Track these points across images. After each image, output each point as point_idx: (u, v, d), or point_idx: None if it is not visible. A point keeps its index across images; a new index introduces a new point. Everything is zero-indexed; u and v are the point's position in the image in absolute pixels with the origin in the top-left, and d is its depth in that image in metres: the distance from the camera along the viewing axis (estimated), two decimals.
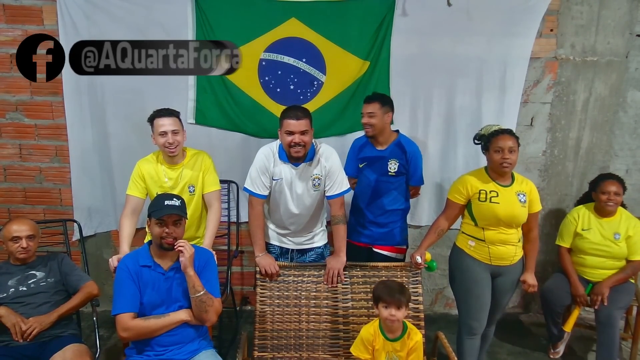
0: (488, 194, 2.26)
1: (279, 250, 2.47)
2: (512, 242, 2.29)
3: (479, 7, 2.85)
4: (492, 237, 2.29)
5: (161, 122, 2.28)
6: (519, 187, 2.29)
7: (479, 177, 2.32)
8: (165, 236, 1.91)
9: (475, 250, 2.34)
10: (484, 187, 2.28)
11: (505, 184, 2.29)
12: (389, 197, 2.58)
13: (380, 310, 1.95)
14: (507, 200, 2.24)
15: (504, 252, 2.30)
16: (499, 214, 2.23)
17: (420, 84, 2.98)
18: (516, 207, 2.24)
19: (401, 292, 1.94)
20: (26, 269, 2.23)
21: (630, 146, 3.18)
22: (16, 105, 3.01)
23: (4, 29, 2.88)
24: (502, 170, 2.24)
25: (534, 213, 2.32)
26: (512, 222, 2.26)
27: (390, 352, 1.97)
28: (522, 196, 2.26)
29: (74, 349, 2.05)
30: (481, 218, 2.29)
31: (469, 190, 2.30)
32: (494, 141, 2.23)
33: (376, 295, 1.98)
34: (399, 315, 1.91)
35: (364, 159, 2.62)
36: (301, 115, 2.16)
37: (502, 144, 2.20)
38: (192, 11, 2.84)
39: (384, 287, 1.98)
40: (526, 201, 2.26)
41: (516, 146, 2.22)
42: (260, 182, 2.29)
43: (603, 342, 2.57)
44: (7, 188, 3.14)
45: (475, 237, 2.34)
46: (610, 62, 3.03)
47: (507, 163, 2.20)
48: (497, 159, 2.22)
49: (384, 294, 1.94)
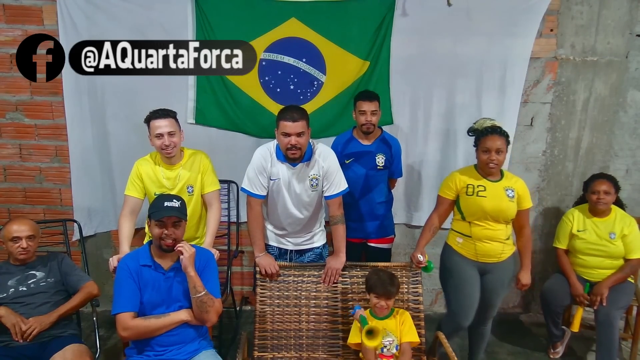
0: (476, 188, 2.30)
1: (278, 251, 2.46)
2: (499, 239, 2.31)
3: (479, 7, 2.85)
4: (478, 233, 2.31)
5: (157, 124, 2.27)
6: (508, 183, 2.32)
7: (468, 173, 2.37)
8: (165, 237, 1.91)
9: (463, 247, 2.38)
10: (472, 182, 2.32)
11: (493, 179, 2.32)
12: (378, 191, 2.70)
13: (372, 298, 2.10)
14: (494, 195, 2.28)
15: (489, 249, 2.32)
16: (485, 207, 2.26)
17: (420, 84, 2.98)
18: (503, 201, 2.27)
19: (392, 283, 2.08)
20: (26, 269, 2.23)
21: (630, 146, 3.18)
22: (16, 105, 3.01)
23: (4, 29, 2.89)
24: (489, 170, 2.28)
25: (525, 210, 2.34)
26: (499, 216, 2.28)
27: (384, 331, 2.07)
28: (510, 191, 2.29)
29: (74, 349, 2.05)
30: (468, 212, 2.33)
31: (457, 185, 2.34)
32: (483, 141, 2.26)
33: (369, 285, 2.12)
34: (388, 304, 2.09)
35: (350, 154, 2.66)
36: (297, 117, 2.14)
37: (490, 145, 2.23)
38: (192, 11, 2.84)
39: (377, 279, 2.10)
40: (514, 197, 2.29)
41: (504, 146, 2.25)
42: (258, 182, 2.28)
43: (603, 342, 2.57)
44: (7, 188, 3.14)
45: (463, 233, 2.37)
46: (610, 62, 3.03)
47: (493, 164, 2.24)
48: (484, 159, 2.26)
49: (376, 287, 2.08)
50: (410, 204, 3.21)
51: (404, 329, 2.10)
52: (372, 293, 2.08)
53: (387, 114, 2.98)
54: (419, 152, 3.09)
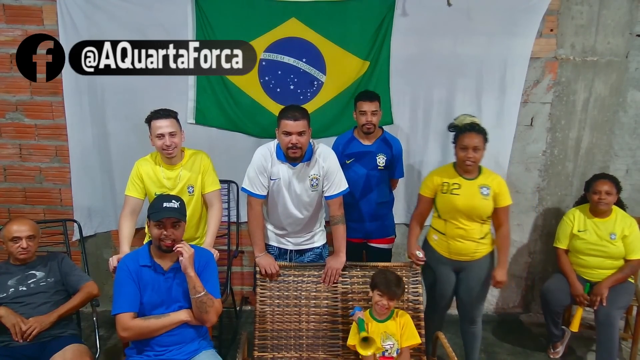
0: (450, 186, 2.34)
1: (278, 251, 2.46)
2: (472, 238, 2.34)
3: (479, 7, 2.85)
4: (452, 232, 2.36)
5: (158, 124, 2.27)
6: (484, 181, 2.34)
7: (445, 171, 2.41)
8: (164, 238, 1.91)
9: (438, 244, 2.44)
10: (448, 179, 2.36)
11: (470, 177, 2.35)
12: (379, 191, 2.70)
13: (375, 296, 2.09)
14: (467, 192, 2.31)
15: (462, 248, 2.35)
16: (457, 205, 2.30)
17: (420, 84, 2.98)
18: (476, 199, 2.30)
19: (397, 285, 2.07)
20: (26, 269, 2.23)
21: (630, 146, 3.18)
22: (16, 105, 3.01)
23: (4, 29, 2.88)
24: (466, 167, 2.31)
25: (503, 207, 2.35)
26: (472, 213, 2.31)
27: (384, 334, 2.07)
28: (485, 189, 2.31)
29: (74, 349, 2.05)
30: (443, 209, 2.38)
31: (435, 183, 2.39)
32: (461, 138, 2.29)
33: (374, 282, 2.11)
34: (390, 305, 2.07)
35: (351, 154, 2.67)
36: (299, 116, 2.15)
37: (468, 142, 2.26)
38: (192, 11, 2.84)
39: (383, 277, 2.09)
40: (489, 194, 2.31)
41: (482, 144, 2.28)
42: (258, 182, 2.28)
43: (602, 342, 2.57)
44: (7, 188, 3.14)
45: (439, 230, 2.42)
46: (610, 62, 3.03)
47: (470, 161, 2.27)
48: (462, 156, 2.29)
49: (381, 284, 2.07)
50: (410, 204, 3.20)
51: (405, 332, 2.10)
52: (376, 290, 2.08)
53: (387, 114, 2.98)
54: (419, 152, 3.09)
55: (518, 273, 3.36)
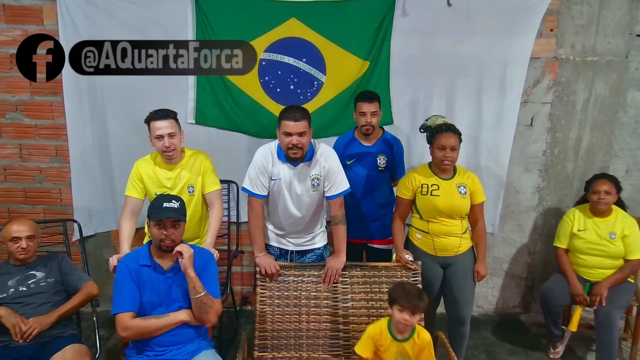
0: (429, 188, 2.37)
1: (278, 252, 2.46)
2: (455, 233, 2.39)
3: (479, 7, 2.85)
4: (435, 230, 2.40)
5: (157, 125, 2.26)
6: (460, 180, 2.39)
7: (422, 172, 2.43)
8: (164, 238, 1.91)
9: (422, 242, 2.46)
10: (427, 181, 2.39)
11: (446, 177, 2.38)
12: (380, 192, 2.70)
13: (394, 313, 1.89)
14: (447, 193, 2.35)
15: (447, 244, 2.40)
16: (439, 206, 2.34)
17: (420, 84, 2.98)
18: (456, 198, 2.35)
19: (419, 297, 1.88)
20: (26, 269, 2.23)
21: (630, 146, 3.18)
22: (16, 105, 3.01)
23: (4, 29, 2.88)
24: (443, 167, 2.34)
25: (478, 204, 2.42)
26: (453, 212, 2.36)
27: (400, 353, 1.94)
28: (462, 188, 2.36)
29: (74, 349, 2.05)
30: (424, 211, 2.41)
31: (413, 184, 2.41)
32: (438, 138, 2.31)
33: (392, 296, 1.91)
34: (412, 321, 1.86)
35: (352, 155, 2.67)
36: (299, 117, 2.14)
37: (445, 142, 2.28)
38: (192, 11, 2.84)
39: (402, 290, 1.90)
40: (467, 193, 2.37)
41: (458, 144, 2.31)
42: (259, 182, 2.28)
43: (602, 342, 2.57)
44: (7, 188, 3.14)
45: (422, 229, 2.45)
46: (610, 62, 3.03)
47: (448, 161, 2.30)
48: (439, 156, 2.31)
49: (400, 297, 1.87)
50: None
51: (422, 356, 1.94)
52: (395, 305, 1.87)
53: (387, 114, 2.98)
54: (419, 152, 3.08)
55: (518, 273, 3.36)
